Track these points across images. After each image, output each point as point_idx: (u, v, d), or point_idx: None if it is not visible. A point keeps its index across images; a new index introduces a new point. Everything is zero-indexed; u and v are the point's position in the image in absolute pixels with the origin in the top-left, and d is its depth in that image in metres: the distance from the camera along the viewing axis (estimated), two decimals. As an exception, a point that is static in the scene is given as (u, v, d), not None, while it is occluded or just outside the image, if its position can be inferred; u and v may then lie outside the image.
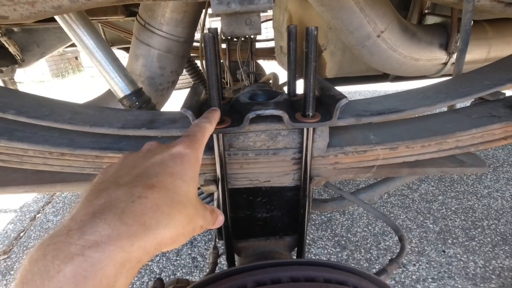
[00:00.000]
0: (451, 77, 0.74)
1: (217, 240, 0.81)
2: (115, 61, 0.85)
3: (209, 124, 0.42)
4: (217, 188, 0.60)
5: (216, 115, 0.46)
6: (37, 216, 2.11)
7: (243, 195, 0.65)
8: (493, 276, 1.32)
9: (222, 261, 1.35)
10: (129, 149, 0.57)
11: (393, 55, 1.03)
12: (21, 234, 1.93)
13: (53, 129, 0.58)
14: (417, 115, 0.70)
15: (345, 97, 0.52)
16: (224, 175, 0.58)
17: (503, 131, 0.64)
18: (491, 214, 1.70)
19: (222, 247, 0.80)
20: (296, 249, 0.73)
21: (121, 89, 0.87)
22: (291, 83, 0.67)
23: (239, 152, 0.58)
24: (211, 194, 0.92)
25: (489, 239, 1.52)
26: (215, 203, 0.65)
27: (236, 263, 0.73)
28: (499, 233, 1.56)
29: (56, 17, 0.76)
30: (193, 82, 2.00)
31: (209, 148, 0.57)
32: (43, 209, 2.18)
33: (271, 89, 0.67)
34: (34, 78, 6.78)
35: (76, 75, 7.52)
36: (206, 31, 0.54)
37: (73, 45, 2.43)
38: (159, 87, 1.04)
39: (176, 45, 0.96)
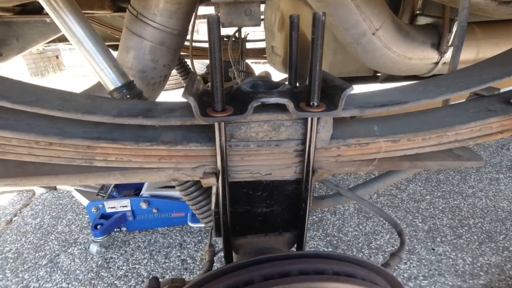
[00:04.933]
0: (448, 73, 0.75)
1: (212, 237, 0.78)
2: (105, 51, 0.81)
3: None
4: (217, 181, 0.57)
5: None
6: (14, 219, 2.00)
7: (243, 189, 0.63)
8: (481, 273, 1.35)
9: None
10: (123, 140, 0.53)
11: (387, 53, 1.04)
12: (-4, 239, 1.82)
13: (39, 118, 0.53)
14: (417, 109, 0.70)
15: (351, 86, 0.51)
16: (225, 167, 0.56)
17: (499, 125, 0.65)
18: (477, 212, 1.75)
19: (217, 245, 0.77)
20: (295, 246, 0.72)
21: (111, 81, 0.82)
22: (292, 74, 0.66)
23: (240, 143, 0.55)
24: (206, 191, 0.89)
25: (475, 237, 1.56)
26: (214, 197, 0.62)
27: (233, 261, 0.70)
28: (484, 231, 1.60)
29: (43, 3, 0.72)
30: (183, 82, 1.96)
31: (209, 139, 0.55)
32: (20, 212, 2.06)
33: (272, 80, 0.65)
34: (10, 77, 6.49)
35: (57, 74, 7.26)
36: (195, 31, 0.51)
37: (54, 41, 2.34)
38: (150, 81, 1.00)
39: (170, 37, 0.93)
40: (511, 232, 1.58)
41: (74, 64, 6.72)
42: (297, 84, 0.66)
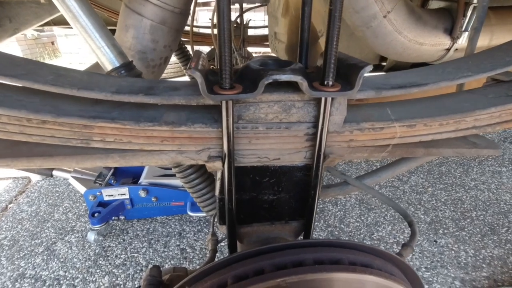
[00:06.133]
0: (467, 55, 0.71)
1: (215, 226, 0.75)
2: (102, 28, 0.76)
3: None
4: (223, 166, 0.54)
5: None
6: (9, 206, 1.96)
7: (249, 174, 0.59)
8: (484, 265, 1.34)
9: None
10: (122, 119, 0.49)
11: (398, 38, 1.00)
12: (-8, 226, 1.79)
13: (32, 94, 0.49)
14: (432, 94, 0.67)
15: (369, 64, 0.47)
16: (231, 150, 0.52)
17: (520, 111, 0.62)
18: (479, 205, 1.73)
19: (219, 233, 0.74)
20: (302, 235, 0.69)
21: (108, 61, 0.78)
22: (303, 54, 0.62)
23: (248, 125, 0.52)
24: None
25: (478, 229, 1.55)
26: (218, 183, 0.59)
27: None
28: (487, 224, 1.59)
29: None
30: (183, 70, 1.91)
31: (215, 120, 0.51)
32: (16, 199, 2.03)
33: (281, 59, 0.61)
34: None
35: (53, 61, 7.13)
36: (195, 19, 0.47)
37: (49, 24, 2.26)
38: (150, 63, 0.95)
39: (171, 16, 0.88)
40: (513, 225, 1.57)
41: (70, 51, 6.59)
42: (308, 66, 0.62)
